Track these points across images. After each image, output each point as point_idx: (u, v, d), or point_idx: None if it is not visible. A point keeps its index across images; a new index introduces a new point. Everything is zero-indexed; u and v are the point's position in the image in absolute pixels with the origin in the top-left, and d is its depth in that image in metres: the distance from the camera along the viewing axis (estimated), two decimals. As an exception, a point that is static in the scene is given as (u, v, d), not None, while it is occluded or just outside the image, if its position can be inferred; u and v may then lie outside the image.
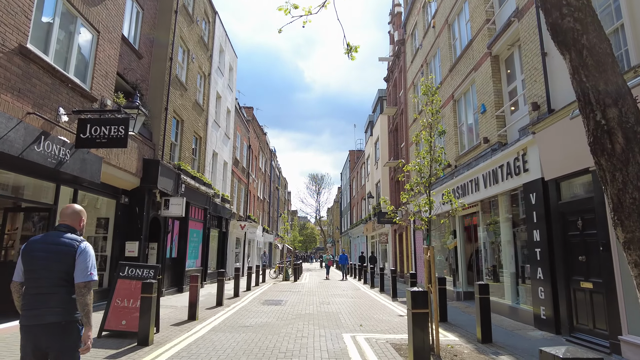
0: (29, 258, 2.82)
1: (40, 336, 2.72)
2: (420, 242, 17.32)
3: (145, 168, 12.03)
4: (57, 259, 2.81)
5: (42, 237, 2.95)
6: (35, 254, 2.82)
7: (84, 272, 2.83)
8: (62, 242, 2.87)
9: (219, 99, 20.70)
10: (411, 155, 19.34)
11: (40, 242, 2.88)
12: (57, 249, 2.83)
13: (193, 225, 16.24)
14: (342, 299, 13.91)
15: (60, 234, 2.92)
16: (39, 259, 2.81)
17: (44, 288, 2.79)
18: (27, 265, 2.83)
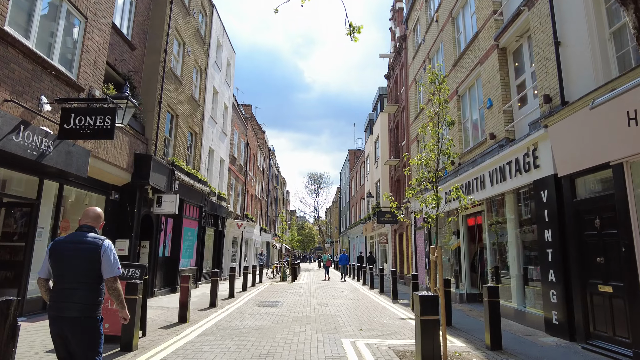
0: (57, 256, 3.10)
1: (63, 326, 3.01)
2: (421, 242, 16.87)
3: (137, 163, 11.55)
4: (84, 256, 3.10)
5: (67, 237, 3.23)
6: (63, 252, 3.10)
7: (111, 268, 3.17)
8: (87, 241, 3.16)
9: (216, 95, 20.22)
10: (412, 153, 18.88)
11: (67, 242, 3.16)
12: (83, 247, 3.11)
13: (187, 224, 15.75)
14: (341, 300, 13.44)
15: (83, 234, 3.21)
16: (67, 257, 3.08)
17: (69, 284, 3.06)
18: (54, 263, 3.10)
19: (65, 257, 3.09)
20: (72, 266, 3.08)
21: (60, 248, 3.13)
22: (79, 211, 10.49)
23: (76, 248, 3.12)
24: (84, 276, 3.09)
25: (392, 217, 20.19)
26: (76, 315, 3.00)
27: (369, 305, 12.29)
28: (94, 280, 3.13)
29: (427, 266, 15.59)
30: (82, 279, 3.08)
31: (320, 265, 48.14)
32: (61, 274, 3.09)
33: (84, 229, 3.27)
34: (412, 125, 18.99)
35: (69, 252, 3.11)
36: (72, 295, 3.03)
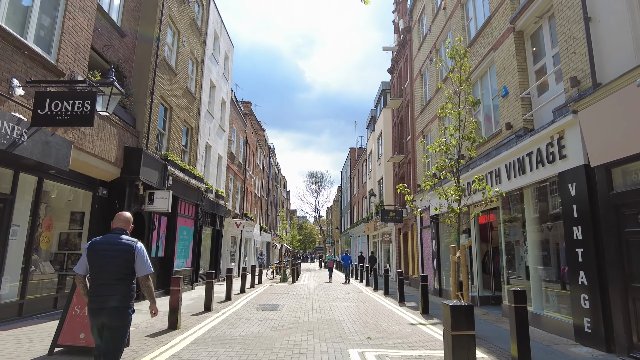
0: (94, 255, 3.49)
1: (103, 316, 3.42)
2: (428, 241, 16.09)
3: (127, 157, 10.80)
4: (119, 256, 3.51)
5: (103, 238, 3.61)
6: (100, 252, 3.49)
7: (144, 267, 3.60)
8: (122, 242, 3.57)
9: (213, 89, 19.46)
10: (418, 149, 18.11)
11: (103, 243, 3.56)
12: (118, 248, 3.52)
13: (182, 222, 14.99)
14: (345, 303, 12.68)
15: (117, 235, 3.62)
16: (104, 256, 3.48)
17: (109, 280, 3.46)
18: (92, 261, 3.49)
19: (102, 256, 3.50)
20: (109, 264, 3.48)
21: (97, 248, 3.53)
22: (63, 208, 9.76)
23: (112, 248, 3.53)
24: (119, 273, 3.51)
25: (396, 215, 19.41)
26: (116, 305, 3.43)
27: (374, 308, 11.53)
28: (128, 276, 3.55)
29: (434, 266, 14.84)
30: (119, 276, 3.50)
31: (321, 265, 47.36)
32: (99, 271, 3.49)
33: (117, 231, 3.69)
34: (417, 119, 18.22)
35: (105, 251, 3.52)
36: (111, 289, 3.45)
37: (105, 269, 3.49)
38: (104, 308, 3.43)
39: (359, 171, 39.07)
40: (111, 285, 3.48)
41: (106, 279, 3.49)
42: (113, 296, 3.45)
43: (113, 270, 3.50)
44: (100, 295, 3.45)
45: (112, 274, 3.50)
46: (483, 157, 10.81)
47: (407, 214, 19.60)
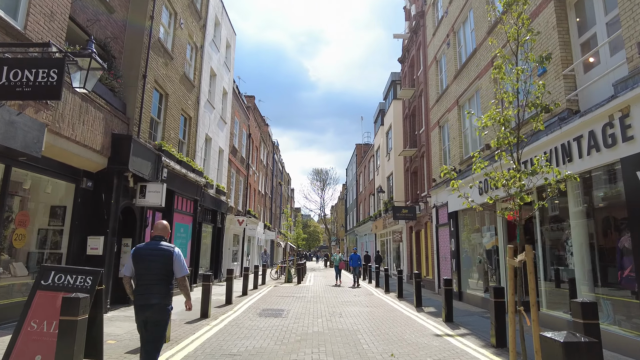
0: (138, 259, 4.11)
1: (146, 311, 4.02)
2: (445, 240, 14.87)
3: (115, 145, 9.67)
4: (160, 260, 4.11)
5: (146, 244, 4.25)
6: (144, 256, 4.11)
7: (182, 269, 4.21)
8: (162, 248, 4.17)
9: (214, 77, 18.30)
10: (432, 140, 16.87)
11: (146, 249, 4.18)
12: (159, 253, 4.13)
13: (179, 219, 13.86)
14: (356, 308, 11.50)
15: (158, 242, 4.23)
16: (147, 260, 4.10)
17: (151, 280, 4.06)
18: (137, 264, 4.11)
19: (146, 260, 4.09)
20: (151, 267, 4.07)
21: (141, 253, 4.14)
22: (42, 201, 8.65)
23: (153, 253, 4.12)
24: (160, 275, 4.09)
25: (409, 212, 18.19)
26: (157, 302, 4.02)
27: (390, 315, 10.34)
28: (167, 278, 4.13)
29: (453, 267, 13.61)
30: (159, 277, 4.08)
31: (326, 264, 46.14)
32: (143, 273, 4.08)
33: (157, 238, 4.28)
34: (432, 109, 16.97)
35: (148, 256, 4.11)
36: (154, 288, 4.04)
37: (148, 271, 4.05)
38: (148, 305, 3.98)
39: (366, 168, 37.85)
40: (153, 285, 4.02)
41: (149, 280, 4.03)
42: (155, 294, 4.00)
43: (155, 272, 4.05)
44: (144, 294, 4.00)
45: (154, 275, 4.04)
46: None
47: (420, 211, 18.37)
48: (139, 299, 4.03)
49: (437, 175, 15.95)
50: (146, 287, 4.03)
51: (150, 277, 4.05)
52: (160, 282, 4.07)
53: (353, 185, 48.06)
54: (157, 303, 4.00)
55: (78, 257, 9.02)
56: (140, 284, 4.07)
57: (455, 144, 14.13)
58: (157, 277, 4.05)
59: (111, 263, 9.49)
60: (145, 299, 4.00)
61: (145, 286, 4.04)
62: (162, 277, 4.08)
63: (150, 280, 4.05)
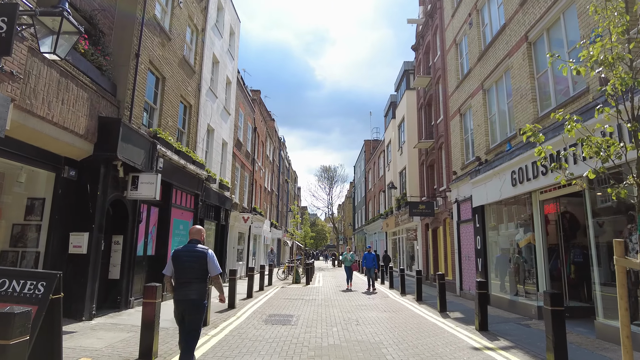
0: (178, 261, 4.63)
1: (185, 306, 4.51)
2: (468, 237, 13.60)
3: (102, 130, 8.54)
4: (196, 261, 4.61)
5: (184, 247, 4.74)
6: (182, 258, 4.62)
7: (215, 268, 4.72)
8: (198, 250, 4.68)
9: (217, 65, 17.17)
10: (452, 130, 15.59)
11: (184, 251, 4.68)
12: (195, 255, 4.64)
13: (178, 215, 12.73)
14: (373, 313, 10.30)
15: (194, 245, 4.72)
16: (185, 261, 4.61)
17: (189, 279, 4.56)
18: (176, 265, 4.62)
19: (184, 261, 4.61)
20: (189, 267, 4.59)
21: (180, 255, 4.66)
22: (16, 192, 7.56)
23: (190, 255, 4.64)
24: (196, 274, 4.60)
25: (426, 208, 16.92)
26: (195, 298, 4.51)
27: (414, 322, 9.12)
28: (203, 277, 4.65)
29: (479, 267, 12.35)
30: (196, 276, 4.59)
31: (334, 263, 44.80)
32: (181, 272, 4.59)
33: (193, 242, 4.79)
34: (452, 96, 15.69)
35: (186, 257, 4.63)
36: (191, 286, 4.53)
37: (186, 271, 4.60)
38: (186, 300, 4.51)
39: (375, 164, 36.57)
40: (191, 283, 4.57)
41: (187, 279, 4.58)
42: (193, 291, 4.54)
43: (192, 271, 4.59)
44: (183, 290, 4.53)
45: (191, 274, 4.59)
46: (560, 127, 8.27)
47: (438, 207, 17.10)
48: (179, 294, 4.54)
49: (459, 167, 14.68)
50: (185, 285, 4.52)
51: (188, 276, 4.55)
52: (197, 280, 4.57)
53: (361, 183, 46.78)
54: (195, 299, 4.50)
55: (59, 257, 7.90)
56: (180, 282, 4.57)
57: (480, 131, 12.85)
58: (194, 276, 4.56)
59: (97, 263, 8.36)
60: (184, 295, 4.49)
61: (184, 284, 4.53)
62: (198, 276, 4.58)
63: (189, 278, 4.54)
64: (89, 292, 8.02)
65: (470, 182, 12.98)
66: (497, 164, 11.05)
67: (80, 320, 7.79)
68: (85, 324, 7.57)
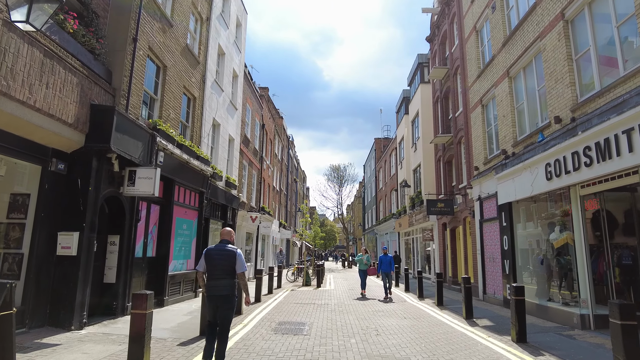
0: (209, 259, 5.06)
1: (216, 301, 4.95)
2: (493, 237, 12.60)
3: (94, 119, 7.76)
4: (226, 259, 5.04)
5: (216, 246, 5.20)
6: (214, 256, 5.07)
7: (242, 266, 5.11)
8: (227, 249, 5.12)
9: (222, 57, 16.37)
10: (473, 123, 14.60)
11: (216, 250, 5.12)
12: (225, 254, 5.07)
13: (181, 213, 11.92)
14: (393, 320, 9.37)
15: (224, 245, 5.16)
16: (216, 259, 5.04)
17: (219, 276, 4.99)
18: (208, 263, 5.06)
19: (215, 259, 5.05)
20: (219, 265, 5.02)
21: (211, 253, 5.09)
22: (-5, 187, 6.80)
23: (221, 254, 5.08)
24: (226, 271, 5.03)
25: (445, 206, 15.92)
26: (225, 293, 4.96)
27: (440, 331, 8.18)
28: (232, 273, 5.07)
29: (506, 270, 11.36)
30: (226, 273, 5.03)
31: (344, 264, 43.76)
32: (212, 269, 5.03)
33: (224, 242, 5.24)
34: (472, 87, 14.70)
35: (217, 256, 5.07)
36: (221, 282, 4.98)
37: (217, 268, 5.02)
38: (217, 295, 4.94)
39: (386, 162, 35.58)
40: (221, 279, 4.99)
41: (218, 275, 5.00)
42: (225, 287, 4.97)
43: (222, 269, 5.01)
44: (214, 286, 4.97)
45: (222, 271, 5.01)
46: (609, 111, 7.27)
47: (458, 205, 16.11)
48: (211, 290, 4.96)
49: (481, 162, 13.69)
50: (216, 281, 4.94)
51: (219, 272, 4.97)
52: (226, 276, 4.98)
53: (372, 182, 45.78)
54: (227, 294, 4.93)
55: (45, 259, 7.11)
56: (212, 278, 4.98)
57: (506, 122, 11.86)
58: (224, 273, 4.97)
59: (89, 266, 7.56)
60: (215, 290, 4.92)
61: (214, 280, 4.95)
62: (228, 273, 4.99)
63: (219, 275, 4.96)
64: (79, 299, 7.22)
65: (495, 177, 12.00)
66: (527, 156, 10.07)
67: (68, 329, 6.99)
68: (73, 335, 6.76)
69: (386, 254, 14.43)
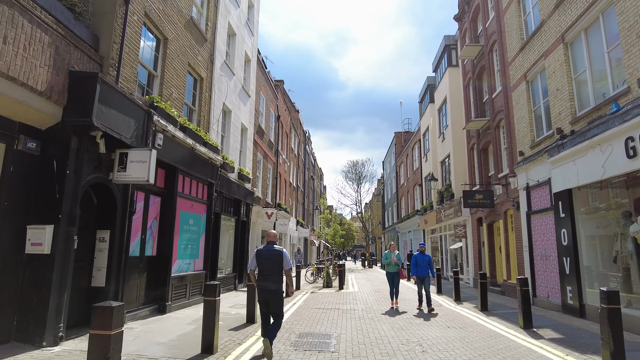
0: (260, 258, 5.76)
1: (267, 294, 5.62)
2: (546, 231, 10.85)
3: (75, 89, 6.40)
4: (274, 258, 5.72)
5: (265, 247, 5.86)
6: (264, 255, 5.76)
7: (287, 264, 5.77)
8: (275, 249, 5.80)
9: (233, 37, 14.98)
10: (516, 102, 12.85)
11: (265, 250, 5.79)
12: (273, 253, 5.75)
13: (187, 207, 10.54)
14: (436, 331, 7.77)
15: (272, 246, 5.85)
16: (266, 258, 5.73)
17: (269, 272, 5.67)
18: (259, 261, 5.74)
19: (264, 258, 5.74)
20: (268, 263, 5.71)
21: (262, 253, 5.79)
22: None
23: (270, 253, 5.76)
24: (275, 268, 5.69)
25: (484, 198, 14.17)
26: (274, 288, 5.60)
27: (498, 345, 6.55)
28: (280, 271, 5.71)
29: (567, 270, 9.60)
30: (274, 270, 5.68)
31: (364, 264, 41.94)
32: (262, 267, 5.72)
33: (270, 243, 5.93)
34: (514, 62, 12.94)
35: (266, 255, 5.76)
36: (270, 278, 5.64)
37: (266, 266, 5.69)
38: (267, 289, 5.60)
39: (408, 157, 33.77)
40: (270, 275, 5.65)
41: (267, 272, 5.67)
42: (273, 282, 5.62)
43: (271, 266, 5.68)
44: (264, 282, 5.64)
45: (271, 269, 5.68)
46: None
47: (497, 197, 14.34)
48: (261, 285, 5.69)
49: (527, 146, 11.94)
50: (266, 277, 5.66)
51: (268, 270, 5.69)
52: (275, 273, 5.69)
53: (392, 179, 43.94)
54: (275, 289, 5.62)
55: (11, 258, 5.77)
56: (262, 275, 5.72)
57: (561, 97, 10.11)
58: (273, 270, 5.69)
59: (67, 266, 6.17)
60: (265, 286, 5.63)
61: (265, 276, 5.68)
62: (276, 270, 5.71)
63: (268, 272, 5.69)
64: (53, 307, 5.84)
65: (548, 161, 10.26)
66: (595, 132, 8.32)
67: (39, 346, 5.62)
68: (43, 354, 5.38)
69: (423, 253, 10.86)
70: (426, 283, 10.57)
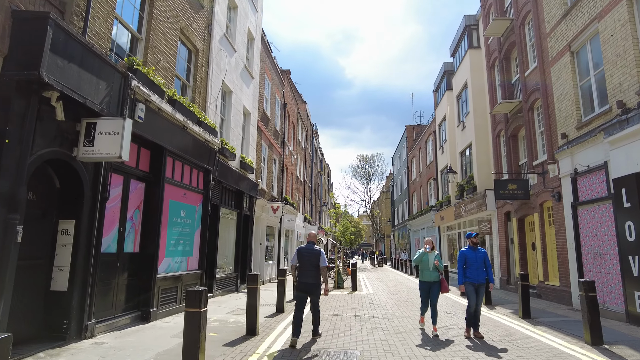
0: (301, 255, 6.44)
1: (306, 288, 6.30)
2: (599, 225, 9.21)
3: (19, 34, 4.90)
4: (313, 256, 6.42)
5: (305, 246, 6.56)
6: (304, 253, 6.44)
7: (324, 262, 6.43)
8: (314, 249, 6.50)
9: (234, 10, 13.46)
10: (556, 78, 11.19)
11: (306, 249, 6.48)
12: (313, 253, 6.45)
13: (178, 195, 9.04)
14: (483, 348, 6.18)
15: (311, 245, 6.58)
16: (306, 256, 6.42)
17: (308, 268, 6.36)
18: (300, 259, 6.44)
19: (305, 256, 6.42)
20: (308, 260, 6.38)
21: (302, 251, 6.46)
22: None
23: (309, 252, 6.45)
24: (313, 265, 6.37)
25: (518, 188, 12.51)
26: (312, 282, 6.32)
27: (579, 373, 4.95)
28: (317, 267, 6.39)
29: (634, 271, 7.96)
30: (312, 266, 6.36)
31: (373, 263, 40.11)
32: (302, 263, 6.39)
33: (310, 243, 6.65)
34: (553, 33, 11.27)
35: (306, 253, 6.45)
36: (309, 273, 6.33)
37: (306, 262, 6.37)
38: (306, 283, 6.29)
39: (421, 150, 32.09)
40: (309, 271, 6.34)
41: (307, 268, 6.35)
42: (312, 277, 6.32)
43: (310, 263, 6.36)
44: (304, 277, 6.31)
45: (309, 265, 6.35)
46: None
47: (531, 187, 12.69)
48: (300, 279, 6.36)
49: (572, 127, 10.30)
50: (305, 273, 6.34)
51: (307, 266, 6.35)
52: (313, 269, 6.35)
53: (402, 174, 42.22)
54: (314, 283, 6.33)
55: None
56: (301, 270, 6.38)
57: (623, 64, 8.46)
58: (311, 266, 6.35)
59: (6, 265, 4.67)
60: (305, 281, 6.30)
61: (304, 272, 6.35)
62: (315, 266, 6.36)
63: (308, 268, 6.35)
64: None
65: (605, 141, 8.63)
66: None
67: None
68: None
69: (476, 246, 7.27)
70: (480, 294, 7.09)
